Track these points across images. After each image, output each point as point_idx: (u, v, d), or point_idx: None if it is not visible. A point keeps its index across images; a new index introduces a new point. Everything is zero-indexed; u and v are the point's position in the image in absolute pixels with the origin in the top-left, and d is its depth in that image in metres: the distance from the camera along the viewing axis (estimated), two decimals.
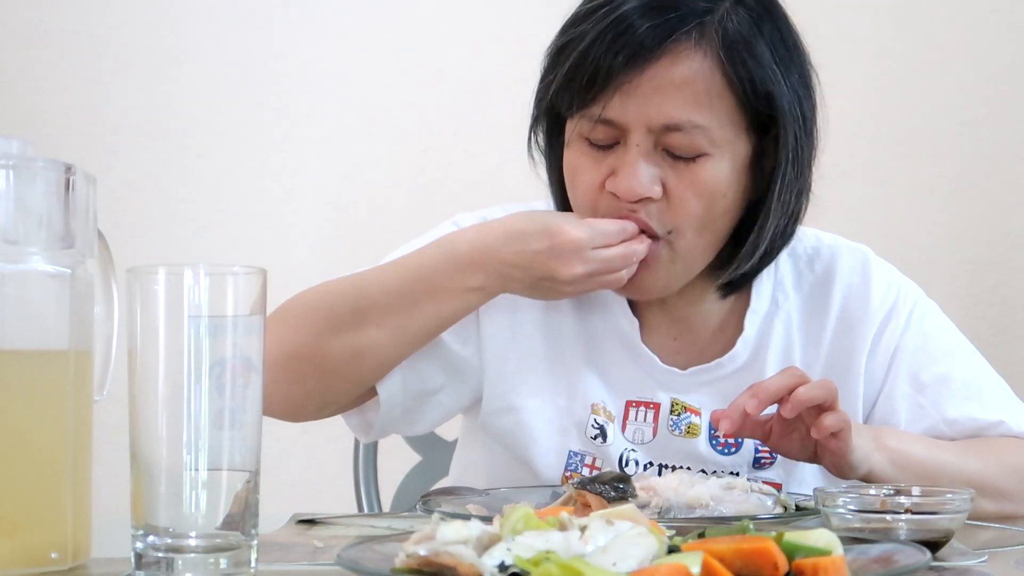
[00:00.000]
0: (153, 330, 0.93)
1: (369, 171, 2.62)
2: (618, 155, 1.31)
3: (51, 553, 0.97)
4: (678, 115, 1.28)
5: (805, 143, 1.35)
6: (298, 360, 1.33)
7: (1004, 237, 2.61)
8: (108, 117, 2.58)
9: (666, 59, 1.27)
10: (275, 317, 1.34)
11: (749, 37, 1.30)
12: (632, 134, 1.30)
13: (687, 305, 1.45)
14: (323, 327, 1.34)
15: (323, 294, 1.38)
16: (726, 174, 1.32)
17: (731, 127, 1.31)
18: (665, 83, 1.28)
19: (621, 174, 1.30)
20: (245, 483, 0.94)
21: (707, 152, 1.30)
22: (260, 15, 2.62)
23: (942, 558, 1.02)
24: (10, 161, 0.97)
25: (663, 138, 1.29)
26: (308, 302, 1.38)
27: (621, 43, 1.27)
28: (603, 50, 1.27)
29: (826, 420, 1.23)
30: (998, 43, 2.62)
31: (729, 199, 1.33)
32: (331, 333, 1.33)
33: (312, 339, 1.33)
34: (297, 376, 1.34)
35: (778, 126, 1.32)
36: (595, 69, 1.28)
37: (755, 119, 1.32)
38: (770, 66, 1.30)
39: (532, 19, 2.60)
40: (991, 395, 1.46)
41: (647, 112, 1.28)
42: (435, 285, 1.33)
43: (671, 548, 0.84)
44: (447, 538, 0.82)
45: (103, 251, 1.04)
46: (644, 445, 1.43)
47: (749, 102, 1.30)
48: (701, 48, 1.28)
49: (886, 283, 1.49)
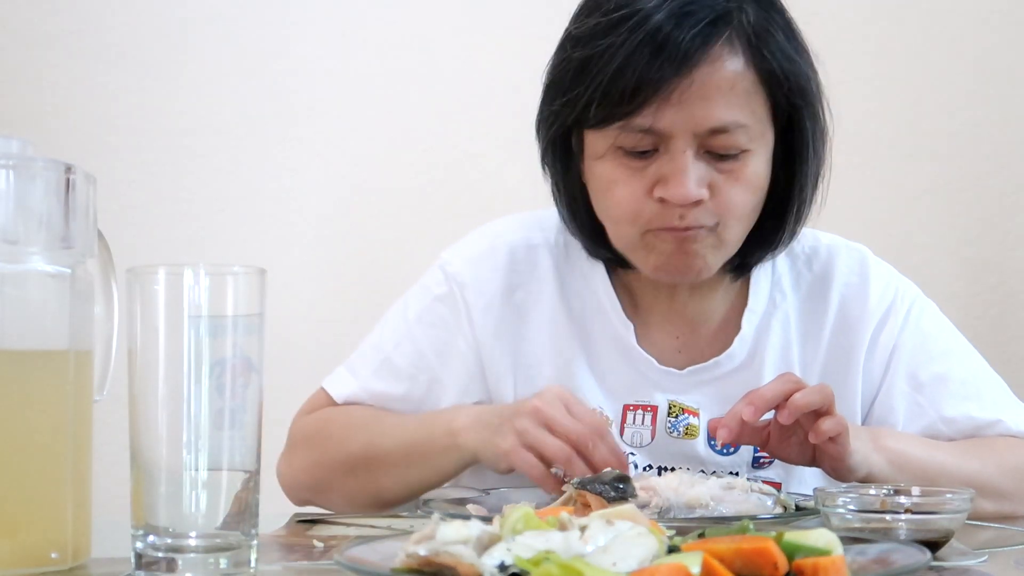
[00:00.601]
0: (153, 330, 0.93)
1: (369, 171, 2.62)
2: (662, 162, 1.31)
3: (51, 553, 0.97)
4: (724, 117, 1.29)
5: (824, 124, 1.38)
6: (315, 491, 1.47)
7: (1004, 237, 2.61)
8: (108, 117, 2.57)
9: (706, 64, 1.28)
10: (302, 438, 1.49)
11: (769, 29, 1.32)
12: (677, 140, 1.30)
13: (697, 301, 1.46)
14: (340, 468, 1.44)
15: (342, 437, 1.46)
16: (764, 166, 1.35)
17: (764, 120, 1.34)
18: (709, 88, 1.28)
19: (672, 181, 1.30)
20: (245, 483, 0.94)
21: (747, 148, 1.32)
22: (260, 15, 2.62)
23: (942, 558, 1.02)
24: (10, 161, 0.97)
25: (707, 140, 1.30)
26: (330, 435, 1.47)
27: (665, 52, 1.27)
28: (645, 60, 1.27)
29: (823, 425, 1.24)
30: (998, 43, 2.61)
31: (765, 189, 1.36)
32: (346, 473, 1.43)
33: (330, 475, 1.45)
34: (320, 498, 1.47)
35: (801, 112, 1.35)
36: (639, 79, 1.27)
37: (777, 109, 1.34)
38: (790, 55, 1.33)
39: (533, 20, 2.60)
40: (989, 394, 1.47)
41: (694, 118, 1.29)
42: (429, 449, 1.38)
43: (671, 548, 0.84)
44: (447, 538, 0.82)
45: (103, 251, 1.05)
46: (643, 448, 1.43)
47: (779, 94, 1.33)
48: (734, 48, 1.30)
49: (884, 282, 1.49)
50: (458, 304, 1.47)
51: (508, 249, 1.49)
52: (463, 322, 1.47)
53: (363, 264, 2.58)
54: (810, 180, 1.39)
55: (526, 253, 1.48)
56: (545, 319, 1.46)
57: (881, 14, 2.59)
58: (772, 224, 1.40)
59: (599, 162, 1.35)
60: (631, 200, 1.33)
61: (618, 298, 1.46)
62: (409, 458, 1.38)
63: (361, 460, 1.41)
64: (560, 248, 1.49)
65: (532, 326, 1.46)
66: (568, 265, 1.48)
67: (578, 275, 1.48)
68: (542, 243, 1.49)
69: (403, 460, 1.39)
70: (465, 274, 1.48)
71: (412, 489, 1.39)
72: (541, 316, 1.46)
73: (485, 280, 1.47)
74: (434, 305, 1.49)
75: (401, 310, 1.52)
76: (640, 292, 1.48)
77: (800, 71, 1.34)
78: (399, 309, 1.52)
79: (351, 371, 1.51)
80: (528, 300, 1.47)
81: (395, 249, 2.52)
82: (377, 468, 1.40)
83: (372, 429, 1.44)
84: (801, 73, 1.34)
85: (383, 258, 2.53)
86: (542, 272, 1.48)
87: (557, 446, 1.24)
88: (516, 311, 1.47)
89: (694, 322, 1.47)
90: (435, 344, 1.48)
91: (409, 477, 1.39)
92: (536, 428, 1.26)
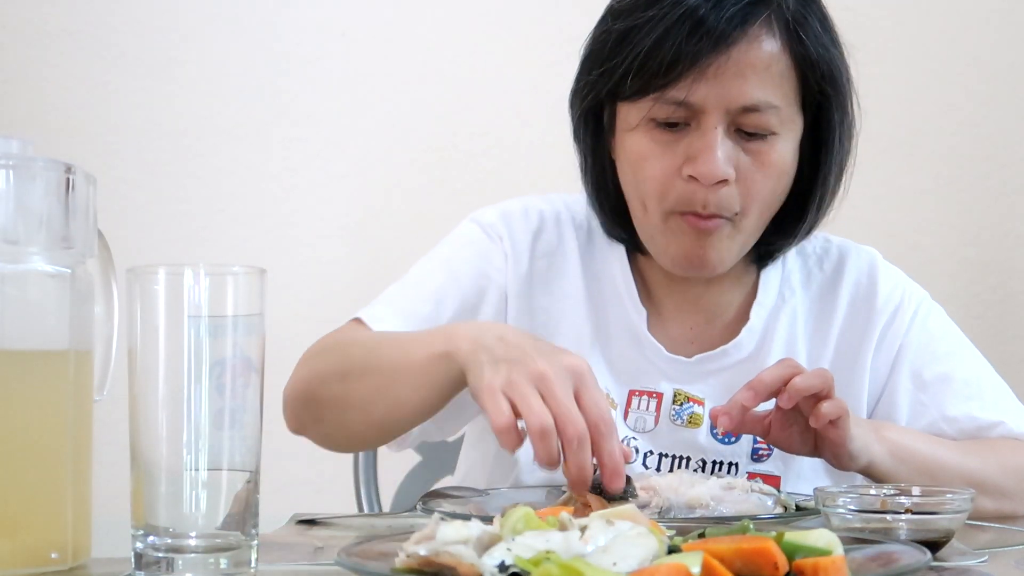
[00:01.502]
0: (153, 330, 0.93)
1: (369, 171, 2.62)
2: (692, 138, 1.33)
3: (51, 553, 0.97)
4: (757, 96, 1.31)
5: (852, 117, 1.40)
6: (307, 403, 1.36)
7: (1004, 237, 2.61)
8: (108, 117, 2.58)
9: (744, 43, 1.31)
10: (308, 355, 1.39)
11: (807, 17, 1.34)
12: (709, 116, 1.32)
13: (712, 292, 1.48)
14: (334, 374, 1.34)
15: (345, 346, 1.37)
16: (790, 152, 1.36)
17: (794, 105, 1.35)
18: (745, 66, 1.31)
19: (702, 158, 1.32)
20: (245, 483, 0.94)
21: (776, 131, 1.34)
22: (260, 15, 2.62)
23: (942, 558, 1.02)
24: (10, 161, 0.97)
25: (738, 119, 1.32)
26: (334, 347, 1.38)
27: (704, 28, 1.29)
28: (684, 34, 1.29)
29: (823, 408, 1.24)
30: (998, 43, 2.62)
31: (789, 177, 1.38)
32: (340, 379, 1.33)
33: (323, 384, 1.34)
34: (311, 412, 1.36)
35: (830, 102, 1.37)
36: (678, 52, 1.29)
37: (809, 97, 1.36)
38: (826, 44, 1.35)
39: (533, 20, 2.61)
40: (992, 396, 1.47)
41: (728, 94, 1.31)
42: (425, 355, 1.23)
43: (671, 548, 0.84)
44: (447, 538, 0.82)
45: (103, 251, 1.04)
46: (646, 433, 1.44)
47: (811, 80, 1.34)
48: (772, 30, 1.32)
49: (892, 284, 1.51)
50: (496, 245, 1.46)
51: (539, 216, 1.50)
52: (501, 263, 1.46)
53: (363, 264, 2.58)
54: (834, 171, 1.40)
55: (555, 225, 1.49)
56: (565, 294, 1.47)
57: (880, 14, 2.60)
58: (794, 214, 1.42)
59: (631, 134, 1.36)
60: (661, 176, 1.34)
61: (635, 284, 1.47)
62: (405, 364, 1.24)
63: (357, 366, 1.31)
64: (584, 230, 1.50)
65: (552, 296, 1.47)
66: (591, 246, 1.50)
67: (599, 258, 1.49)
68: (569, 220, 1.50)
69: (399, 367, 1.25)
70: (500, 226, 1.48)
71: (407, 404, 1.25)
72: (562, 291, 1.47)
73: (517, 236, 1.47)
74: (469, 246, 1.47)
75: (433, 255, 1.49)
76: (656, 279, 1.49)
77: (833, 61, 1.36)
78: (430, 255, 1.49)
79: (378, 298, 1.46)
80: (551, 271, 1.48)
81: (395, 249, 2.52)
82: (370, 374, 1.29)
83: (378, 339, 1.37)
84: (834, 63, 1.36)
85: (383, 258, 2.54)
86: (567, 247, 1.49)
87: (538, 410, 1.07)
88: (540, 278, 1.47)
89: (708, 313, 1.49)
90: (468, 279, 1.45)
91: (398, 389, 1.25)
92: (529, 388, 1.09)
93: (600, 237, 1.50)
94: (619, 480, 1.07)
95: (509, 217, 1.49)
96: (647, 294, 1.49)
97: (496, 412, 1.08)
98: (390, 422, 1.30)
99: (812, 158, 1.40)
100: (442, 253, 1.49)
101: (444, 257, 1.48)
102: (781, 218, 1.41)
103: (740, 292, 1.49)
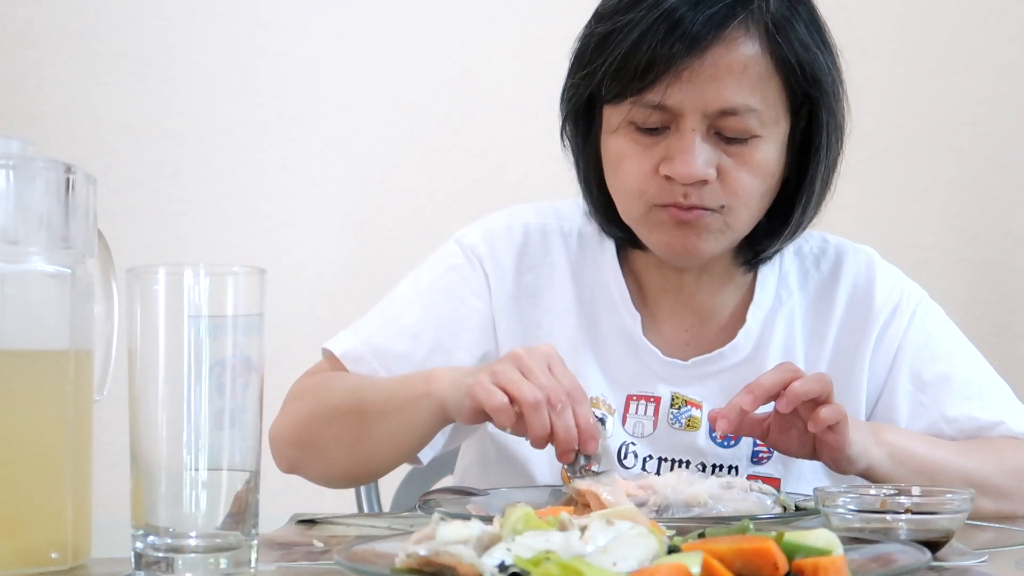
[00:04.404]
0: (153, 330, 0.93)
1: (369, 171, 2.62)
2: (670, 140, 1.33)
3: (51, 553, 0.97)
4: (734, 99, 1.31)
5: (841, 119, 1.39)
6: (299, 445, 1.41)
7: (1004, 237, 2.61)
8: (108, 117, 2.58)
9: (721, 46, 1.30)
10: (293, 397, 1.45)
11: (791, 19, 1.34)
12: (687, 119, 1.32)
13: (706, 293, 1.47)
14: (323, 418, 1.40)
15: (330, 389, 1.43)
16: (775, 154, 1.36)
17: (778, 108, 1.35)
18: (722, 69, 1.30)
19: (678, 159, 1.32)
20: (245, 483, 0.94)
21: (758, 134, 1.33)
22: (260, 15, 2.62)
23: (942, 558, 1.02)
24: (10, 161, 0.97)
25: (717, 122, 1.32)
26: (319, 390, 1.43)
27: (679, 31, 1.29)
28: (659, 38, 1.29)
29: (822, 413, 1.24)
30: (998, 43, 2.62)
31: (775, 178, 1.38)
32: (329, 422, 1.39)
33: (313, 426, 1.40)
34: (303, 454, 1.42)
35: (818, 104, 1.36)
36: (652, 56, 1.30)
37: (794, 99, 1.36)
38: (810, 46, 1.35)
39: (533, 19, 2.61)
40: (992, 396, 1.47)
41: (704, 97, 1.31)
42: (407, 398, 1.33)
43: (671, 548, 0.84)
44: (447, 538, 0.82)
45: (103, 251, 1.04)
46: (644, 438, 1.44)
47: (794, 83, 1.34)
48: (751, 33, 1.32)
49: (890, 283, 1.51)
50: (476, 271, 1.47)
51: (523, 231, 1.50)
52: (481, 288, 1.47)
53: (363, 264, 2.58)
54: (821, 173, 1.40)
55: (540, 238, 1.50)
56: (554, 304, 1.47)
57: (879, 14, 2.60)
58: (782, 215, 1.42)
59: (612, 136, 1.37)
60: (638, 175, 1.35)
61: (628, 289, 1.47)
62: (387, 406, 1.34)
63: (343, 409, 1.38)
64: (574, 237, 1.50)
65: (540, 310, 1.47)
66: (581, 254, 1.50)
67: (590, 264, 1.49)
68: (557, 231, 1.50)
69: (382, 409, 1.34)
70: (482, 247, 1.49)
71: (391, 443, 1.35)
72: (551, 301, 1.47)
73: (500, 255, 1.48)
74: (448, 274, 1.49)
75: (412, 280, 1.51)
76: (649, 282, 1.48)
77: (818, 63, 1.35)
78: (410, 280, 1.51)
79: (354, 330, 1.49)
80: (539, 284, 1.48)
81: (395, 249, 2.52)
82: (358, 418, 1.36)
83: (360, 383, 1.41)
84: (819, 65, 1.35)
85: (383, 258, 2.54)
86: (555, 258, 1.49)
87: (528, 386, 1.18)
88: (527, 292, 1.48)
89: (703, 315, 1.48)
90: (446, 311, 1.46)
91: (387, 429, 1.34)
92: (512, 370, 1.20)
93: (592, 244, 1.50)
94: (594, 443, 1.19)
95: (491, 236, 1.49)
96: (641, 298, 1.48)
97: (488, 395, 1.19)
98: (377, 461, 1.39)
99: (801, 159, 1.39)
100: (422, 281, 1.50)
101: (424, 287, 1.49)
102: (768, 219, 1.41)
103: (735, 294, 1.49)
